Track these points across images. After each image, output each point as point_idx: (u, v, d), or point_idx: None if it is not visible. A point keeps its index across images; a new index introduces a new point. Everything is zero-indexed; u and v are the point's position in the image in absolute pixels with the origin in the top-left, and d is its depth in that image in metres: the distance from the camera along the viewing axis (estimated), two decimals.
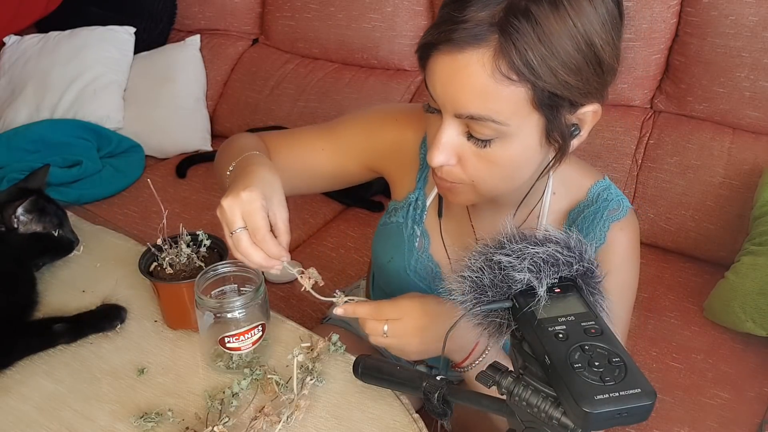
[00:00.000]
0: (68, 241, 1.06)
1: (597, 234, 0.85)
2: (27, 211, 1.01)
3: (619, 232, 0.86)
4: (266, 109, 2.14)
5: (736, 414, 1.26)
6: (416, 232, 0.96)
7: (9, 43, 2.25)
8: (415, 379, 0.71)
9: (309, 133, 1.01)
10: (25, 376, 0.88)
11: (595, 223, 0.86)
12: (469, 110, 0.69)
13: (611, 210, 0.86)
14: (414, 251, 0.96)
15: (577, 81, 0.67)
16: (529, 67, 0.65)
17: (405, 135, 0.95)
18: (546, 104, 0.68)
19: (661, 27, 1.66)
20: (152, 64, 2.25)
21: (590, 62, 0.67)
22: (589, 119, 0.73)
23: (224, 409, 0.81)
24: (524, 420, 0.56)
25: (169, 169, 2.04)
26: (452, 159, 0.74)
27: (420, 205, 0.96)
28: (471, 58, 0.66)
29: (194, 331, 0.93)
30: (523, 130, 0.70)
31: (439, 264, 0.95)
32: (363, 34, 2.04)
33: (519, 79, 0.66)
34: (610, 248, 0.86)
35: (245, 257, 0.75)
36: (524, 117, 0.69)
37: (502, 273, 0.57)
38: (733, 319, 1.39)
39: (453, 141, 0.73)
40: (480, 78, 0.66)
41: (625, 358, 0.51)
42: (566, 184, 0.88)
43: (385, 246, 1.00)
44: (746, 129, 1.64)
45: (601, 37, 0.67)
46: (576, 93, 0.68)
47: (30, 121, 2.07)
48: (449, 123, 0.72)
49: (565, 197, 0.88)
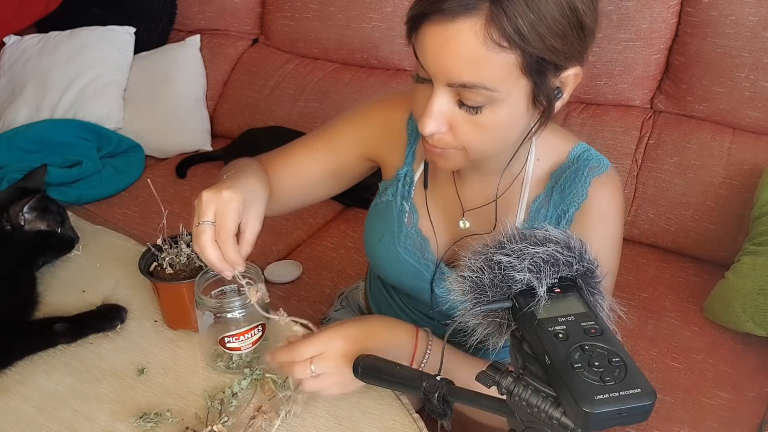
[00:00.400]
0: (70, 238, 1.08)
1: (579, 190, 0.87)
2: (32, 209, 1.02)
3: (601, 187, 0.87)
4: (266, 109, 2.14)
5: (736, 414, 1.26)
6: (405, 208, 0.98)
7: (9, 43, 2.25)
8: (415, 379, 0.71)
9: (301, 140, 1.03)
10: (25, 376, 0.88)
11: (576, 180, 0.87)
12: (461, 79, 0.71)
13: (592, 167, 0.88)
14: (403, 227, 0.98)
15: (563, 45, 0.71)
16: (519, 34, 0.67)
17: (392, 115, 0.98)
18: (534, 69, 0.71)
19: (661, 27, 1.66)
20: (152, 64, 2.24)
21: (574, 26, 0.71)
22: (571, 82, 0.76)
23: (224, 408, 0.81)
24: (524, 420, 0.56)
25: (169, 169, 2.04)
26: (443, 126, 0.76)
27: (408, 180, 0.98)
28: (463, 27, 0.68)
29: (194, 331, 0.93)
30: (513, 95, 0.73)
31: (427, 238, 0.97)
32: (363, 34, 2.04)
33: (510, 46, 0.68)
34: (592, 202, 0.87)
35: (201, 251, 0.76)
36: (514, 82, 0.72)
37: (502, 273, 0.57)
38: (733, 319, 1.39)
39: (444, 109, 0.75)
40: (472, 46, 0.68)
41: (625, 358, 0.51)
42: (548, 149, 0.90)
43: (376, 225, 1.01)
44: (746, 129, 1.64)
45: (583, 1, 0.71)
46: (561, 57, 0.72)
47: (30, 121, 2.07)
48: (441, 91, 0.73)
49: (546, 161, 0.91)
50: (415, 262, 0.98)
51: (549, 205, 0.90)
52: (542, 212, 0.90)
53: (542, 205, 0.90)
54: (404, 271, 0.99)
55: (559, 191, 0.89)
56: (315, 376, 0.78)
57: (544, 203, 0.90)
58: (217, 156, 2.08)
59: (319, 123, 2.03)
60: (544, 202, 0.90)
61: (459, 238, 0.97)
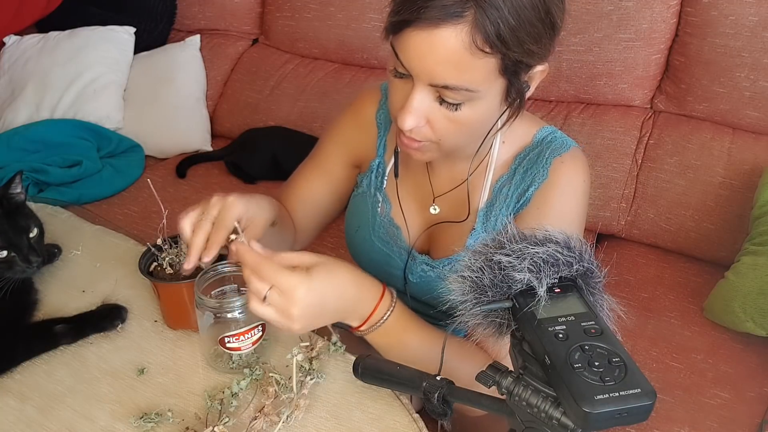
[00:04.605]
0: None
1: (540, 171, 0.90)
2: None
3: (561, 165, 0.89)
4: (266, 109, 2.14)
5: (736, 414, 1.26)
6: (378, 198, 1.01)
7: (9, 43, 2.25)
8: (415, 379, 0.71)
9: (299, 171, 1.09)
10: (25, 376, 0.88)
11: (539, 162, 0.90)
12: (445, 81, 0.73)
13: (554, 149, 0.90)
14: (377, 217, 1.01)
15: (538, 48, 0.74)
16: (502, 40, 0.70)
17: (362, 111, 1.03)
18: (511, 70, 0.74)
19: (661, 27, 1.66)
20: (152, 64, 2.24)
21: (547, 28, 0.74)
22: (537, 77, 0.80)
23: (224, 409, 0.81)
24: (524, 420, 0.56)
25: (169, 169, 2.04)
26: (422, 121, 0.78)
27: (381, 171, 1.01)
28: (448, 34, 0.70)
29: (194, 331, 0.93)
30: (490, 92, 0.76)
31: (399, 226, 1.00)
32: (363, 34, 2.04)
33: (492, 51, 0.71)
34: (552, 181, 0.89)
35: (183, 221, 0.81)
36: (492, 82, 0.75)
37: (502, 273, 0.57)
38: (733, 319, 1.39)
39: (424, 105, 0.77)
40: (457, 52, 0.70)
41: (625, 358, 0.51)
42: (513, 133, 0.93)
43: (352, 216, 1.06)
44: (746, 129, 1.65)
45: (556, 4, 0.74)
46: (536, 58, 0.75)
47: (30, 121, 2.07)
48: (421, 89, 0.76)
49: (512, 144, 0.94)
50: (388, 251, 1.01)
51: (511, 185, 0.92)
52: (504, 191, 0.92)
53: (504, 184, 0.93)
54: (379, 259, 1.02)
55: (521, 172, 0.92)
56: (264, 305, 0.74)
57: (506, 183, 0.93)
58: (217, 156, 2.09)
59: (319, 123, 2.04)
60: (506, 181, 0.93)
61: (430, 224, 0.99)
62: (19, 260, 0.95)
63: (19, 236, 0.96)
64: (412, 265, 0.99)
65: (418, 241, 1.00)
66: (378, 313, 0.81)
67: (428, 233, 1.00)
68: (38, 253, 0.97)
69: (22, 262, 0.95)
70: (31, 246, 0.96)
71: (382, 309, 0.81)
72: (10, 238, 0.95)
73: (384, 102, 1.02)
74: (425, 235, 1.00)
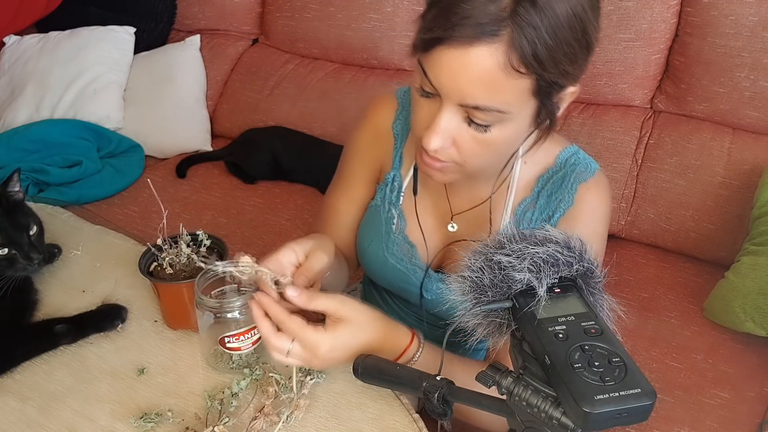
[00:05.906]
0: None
1: (565, 197, 0.88)
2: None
3: (586, 192, 0.88)
4: (266, 109, 2.14)
5: (736, 414, 1.26)
6: (393, 214, 0.98)
7: (9, 43, 2.25)
8: (415, 379, 0.71)
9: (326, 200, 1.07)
10: (25, 376, 0.88)
11: (563, 186, 0.88)
12: (476, 101, 0.70)
13: (579, 173, 0.88)
14: (391, 233, 0.98)
15: (573, 68, 0.71)
16: (538, 60, 0.67)
17: (377, 120, 0.99)
18: (544, 91, 0.72)
19: (661, 27, 1.66)
20: (152, 64, 2.24)
21: (583, 48, 0.71)
22: (568, 98, 0.77)
23: (224, 409, 0.81)
24: (524, 420, 0.56)
25: (169, 169, 2.04)
26: (448, 142, 0.76)
27: (396, 186, 0.98)
28: (482, 53, 0.67)
29: (194, 331, 0.93)
30: (521, 114, 0.73)
31: (414, 244, 0.97)
32: (363, 34, 2.04)
33: (527, 72, 0.68)
34: (577, 208, 0.88)
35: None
36: (524, 104, 0.72)
37: (502, 273, 0.57)
38: (733, 319, 1.39)
39: (451, 126, 0.74)
40: (490, 72, 0.68)
41: (625, 358, 0.51)
42: (535, 153, 0.90)
43: (366, 229, 1.02)
44: (746, 129, 1.65)
45: (592, 23, 0.71)
46: (570, 79, 0.73)
47: (30, 121, 2.07)
48: (449, 109, 0.73)
49: (534, 165, 0.91)
50: (402, 268, 0.98)
51: (535, 209, 0.90)
52: (528, 215, 0.90)
53: (528, 208, 0.91)
54: (393, 275, 1.00)
55: (545, 196, 0.90)
56: (286, 354, 0.74)
57: (530, 206, 0.91)
58: (217, 156, 2.09)
59: (319, 123, 2.04)
60: (530, 205, 0.91)
61: (448, 243, 0.97)
62: (20, 258, 0.94)
63: (19, 234, 0.96)
64: (428, 282, 0.97)
65: (435, 259, 0.98)
66: (411, 350, 0.83)
67: (444, 250, 0.98)
68: (39, 251, 0.96)
69: (23, 260, 0.95)
70: (31, 243, 0.96)
71: (409, 354, 0.82)
72: (10, 236, 0.94)
73: (400, 112, 0.99)
74: (441, 252, 0.98)
